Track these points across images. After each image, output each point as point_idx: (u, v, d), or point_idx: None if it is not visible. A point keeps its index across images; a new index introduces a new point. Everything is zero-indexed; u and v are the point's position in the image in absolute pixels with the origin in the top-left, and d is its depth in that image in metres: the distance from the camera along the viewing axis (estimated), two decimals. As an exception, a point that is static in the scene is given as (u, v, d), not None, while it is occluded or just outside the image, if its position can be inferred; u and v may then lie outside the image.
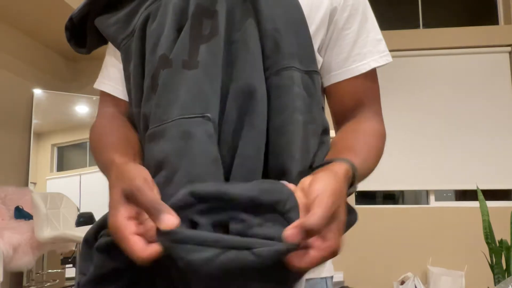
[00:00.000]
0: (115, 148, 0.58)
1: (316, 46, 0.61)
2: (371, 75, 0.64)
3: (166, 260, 0.42)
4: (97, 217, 3.28)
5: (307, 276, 0.61)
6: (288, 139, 0.53)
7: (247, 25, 0.56)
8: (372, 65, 0.63)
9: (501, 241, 2.29)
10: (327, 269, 0.70)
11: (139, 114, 0.59)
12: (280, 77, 0.55)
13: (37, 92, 3.42)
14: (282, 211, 0.43)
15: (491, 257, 2.30)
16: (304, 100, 0.55)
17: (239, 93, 0.54)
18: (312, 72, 0.58)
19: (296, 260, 0.39)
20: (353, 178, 0.51)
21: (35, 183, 3.33)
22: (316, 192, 0.42)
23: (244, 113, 0.53)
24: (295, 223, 0.39)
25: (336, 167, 0.48)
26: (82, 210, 3.40)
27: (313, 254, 0.40)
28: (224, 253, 0.40)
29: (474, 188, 3.34)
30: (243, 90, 0.54)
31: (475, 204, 3.38)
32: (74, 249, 3.21)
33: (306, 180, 0.47)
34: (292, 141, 0.53)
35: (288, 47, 0.56)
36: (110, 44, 0.70)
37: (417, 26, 3.75)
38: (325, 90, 0.67)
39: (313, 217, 0.39)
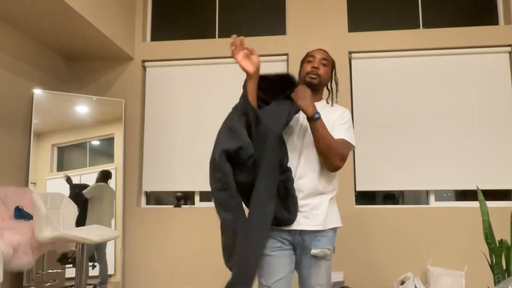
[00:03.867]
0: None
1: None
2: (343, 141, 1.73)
3: None
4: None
5: (320, 228, 1.68)
6: None
7: None
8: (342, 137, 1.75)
9: (501, 241, 2.29)
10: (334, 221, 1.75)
11: None
12: None
13: (37, 92, 3.42)
14: None
15: (491, 257, 2.30)
16: None
17: None
18: None
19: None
20: (314, 114, 1.66)
21: (35, 183, 3.33)
22: None
23: None
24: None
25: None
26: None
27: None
28: None
29: (474, 188, 3.34)
30: None
31: (475, 204, 3.38)
32: (74, 249, 3.21)
33: None
34: None
35: None
36: None
37: (417, 26, 3.75)
38: None
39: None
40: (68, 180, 3.48)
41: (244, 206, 1.61)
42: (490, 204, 3.29)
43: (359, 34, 3.66)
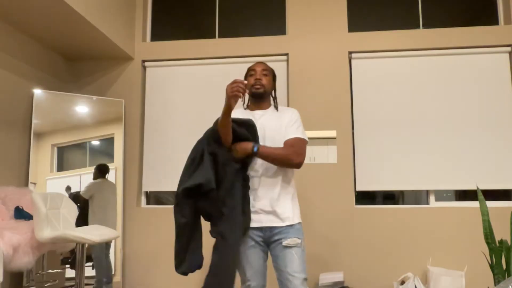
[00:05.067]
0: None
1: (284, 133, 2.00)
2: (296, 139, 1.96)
3: None
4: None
5: (285, 224, 1.94)
6: None
7: None
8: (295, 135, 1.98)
9: (501, 241, 2.29)
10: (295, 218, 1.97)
11: None
12: None
13: (37, 92, 3.42)
14: None
15: (491, 257, 2.30)
16: None
17: None
18: None
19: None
20: (255, 145, 1.89)
21: (35, 183, 3.33)
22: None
23: None
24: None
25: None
26: (82, 210, 3.41)
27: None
28: None
29: (474, 188, 3.34)
30: None
31: (475, 204, 3.38)
32: (74, 249, 3.21)
33: None
34: None
35: None
36: None
37: (417, 26, 3.75)
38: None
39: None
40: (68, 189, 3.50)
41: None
42: (490, 204, 3.29)
43: (359, 34, 3.66)
